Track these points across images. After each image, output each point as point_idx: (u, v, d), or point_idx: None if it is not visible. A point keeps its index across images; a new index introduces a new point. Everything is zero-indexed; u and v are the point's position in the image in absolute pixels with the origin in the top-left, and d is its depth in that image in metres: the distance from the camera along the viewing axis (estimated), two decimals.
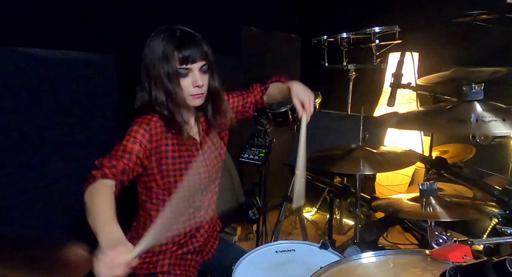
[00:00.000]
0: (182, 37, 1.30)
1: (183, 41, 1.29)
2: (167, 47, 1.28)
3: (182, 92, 1.32)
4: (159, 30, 1.33)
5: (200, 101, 1.37)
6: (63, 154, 1.87)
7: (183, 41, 1.29)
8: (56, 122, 1.84)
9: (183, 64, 1.29)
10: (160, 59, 1.28)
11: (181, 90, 1.31)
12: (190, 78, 1.32)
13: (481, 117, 1.18)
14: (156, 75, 1.30)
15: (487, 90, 1.29)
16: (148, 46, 1.32)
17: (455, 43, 2.71)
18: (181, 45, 1.28)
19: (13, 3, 1.77)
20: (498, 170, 2.19)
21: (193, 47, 1.29)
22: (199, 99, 1.37)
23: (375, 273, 0.98)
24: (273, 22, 3.31)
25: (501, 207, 1.36)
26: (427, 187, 1.36)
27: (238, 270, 1.26)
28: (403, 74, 1.93)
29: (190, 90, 1.33)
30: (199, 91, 1.34)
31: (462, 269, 0.74)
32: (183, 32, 1.32)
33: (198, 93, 1.35)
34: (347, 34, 2.58)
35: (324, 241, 1.36)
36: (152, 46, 1.31)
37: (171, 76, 1.29)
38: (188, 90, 1.33)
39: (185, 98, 1.34)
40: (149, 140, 1.31)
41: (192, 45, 1.29)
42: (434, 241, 1.08)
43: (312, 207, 3.40)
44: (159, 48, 1.29)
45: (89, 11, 2.05)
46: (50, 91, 1.80)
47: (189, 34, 1.33)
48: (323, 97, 2.70)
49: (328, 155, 1.74)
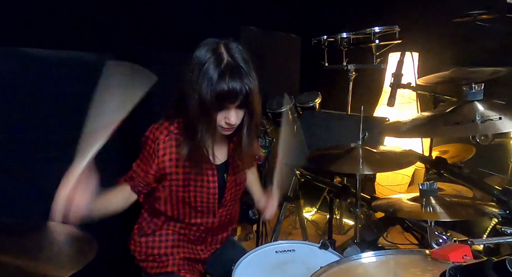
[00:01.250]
0: (226, 71, 1.18)
1: (225, 76, 1.17)
2: (210, 76, 1.18)
3: (212, 121, 1.24)
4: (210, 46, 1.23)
5: (228, 132, 1.31)
6: (63, 153, 1.87)
7: (224, 76, 1.17)
8: (56, 122, 1.84)
9: (219, 101, 1.19)
10: (203, 84, 1.18)
11: (211, 119, 1.23)
12: (224, 113, 1.24)
13: (486, 116, 1.19)
14: (198, 93, 1.20)
15: (487, 90, 1.29)
16: (195, 59, 1.22)
17: (455, 43, 2.72)
18: (222, 80, 1.17)
19: (13, 3, 1.77)
20: (498, 170, 2.19)
21: (233, 86, 1.18)
22: (229, 132, 1.31)
23: (375, 273, 0.98)
24: (273, 22, 3.31)
25: (501, 207, 1.36)
26: (427, 187, 1.36)
27: (238, 270, 1.26)
28: (403, 74, 1.93)
29: (221, 123, 1.26)
30: (229, 126, 1.27)
31: (462, 269, 0.74)
32: (230, 63, 1.20)
33: (229, 128, 1.28)
34: (347, 34, 2.58)
35: (324, 241, 1.36)
36: (200, 61, 1.20)
37: (207, 104, 1.20)
38: (219, 122, 1.26)
39: (215, 126, 1.27)
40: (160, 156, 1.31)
41: (233, 83, 1.18)
42: (434, 241, 1.08)
43: (312, 207, 3.40)
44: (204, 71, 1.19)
45: (89, 11, 2.05)
46: (50, 91, 1.80)
47: (235, 67, 1.20)
48: (323, 97, 2.70)
49: (328, 154, 1.74)
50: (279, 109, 2.65)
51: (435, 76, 2.02)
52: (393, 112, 2.71)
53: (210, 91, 1.18)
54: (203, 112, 1.22)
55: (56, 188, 1.88)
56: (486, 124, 1.18)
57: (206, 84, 1.18)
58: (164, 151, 1.31)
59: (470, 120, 1.21)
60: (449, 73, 1.94)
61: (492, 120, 1.18)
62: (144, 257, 1.49)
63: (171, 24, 2.46)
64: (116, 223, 1.64)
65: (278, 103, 2.69)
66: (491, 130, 1.24)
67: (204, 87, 1.18)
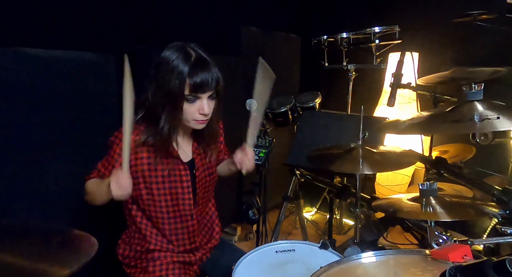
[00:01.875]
0: (197, 64, 1.28)
1: (197, 68, 1.27)
2: (180, 70, 1.26)
3: (184, 115, 1.31)
4: (176, 47, 1.31)
5: (203, 126, 1.37)
6: (63, 153, 1.87)
7: (196, 68, 1.27)
8: (56, 122, 1.84)
9: (193, 92, 1.28)
10: (171, 78, 1.26)
11: (181, 113, 1.31)
12: (197, 105, 1.31)
13: (484, 115, 1.19)
14: (166, 90, 1.28)
15: (487, 90, 1.29)
16: (163, 59, 1.30)
17: (455, 43, 2.71)
18: (194, 72, 1.26)
19: (13, 3, 1.77)
20: (498, 170, 2.19)
21: (206, 76, 1.28)
22: (203, 124, 1.37)
23: (375, 273, 0.98)
24: (273, 22, 3.31)
25: (501, 207, 1.36)
26: (427, 187, 1.36)
27: (238, 270, 1.26)
28: (403, 74, 1.93)
29: (195, 116, 1.32)
30: (204, 117, 1.34)
31: (462, 269, 0.74)
32: (198, 58, 1.29)
33: (203, 119, 1.34)
34: (347, 34, 2.58)
35: (324, 241, 1.36)
36: (167, 60, 1.29)
37: (178, 99, 1.28)
38: (193, 115, 1.32)
39: (187, 121, 1.34)
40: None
41: (205, 74, 1.27)
42: (434, 241, 1.08)
43: (312, 207, 3.40)
44: (172, 66, 1.27)
45: (89, 11, 2.05)
46: (50, 91, 1.80)
47: (204, 60, 1.30)
48: (323, 97, 2.70)
49: (328, 154, 1.74)
50: (279, 110, 2.65)
51: (435, 76, 2.02)
52: (393, 112, 2.71)
53: (180, 85, 1.25)
54: (172, 107, 1.29)
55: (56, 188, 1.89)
56: (484, 123, 1.18)
57: (176, 78, 1.26)
58: (136, 149, 1.34)
59: (468, 119, 1.22)
60: (449, 73, 1.94)
61: (490, 119, 1.18)
62: (131, 263, 1.50)
63: (171, 24, 2.46)
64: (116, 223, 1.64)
65: (278, 103, 2.69)
66: (489, 128, 1.25)
67: (173, 82, 1.26)
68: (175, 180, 1.41)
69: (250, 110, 1.46)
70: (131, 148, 1.24)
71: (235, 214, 2.93)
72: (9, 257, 0.82)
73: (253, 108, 1.43)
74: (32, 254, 0.85)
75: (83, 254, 0.85)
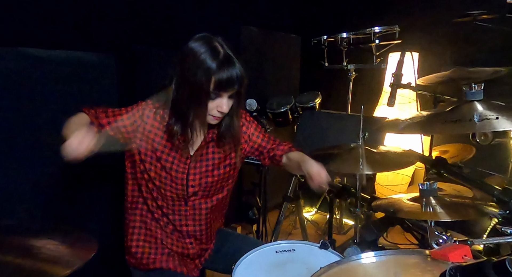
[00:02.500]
0: (224, 61, 1.28)
1: (224, 66, 1.27)
2: (207, 66, 1.26)
3: (205, 111, 1.33)
4: (204, 40, 1.31)
5: (217, 122, 1.39)
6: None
7: (223, 66, 1.27)
8: (56, 122, 1.83)
9: (217, 90, 1.29)
10: (197, 72, 1.27)
11: (206, 109, 1.32)
12: (217, 102, 1.32)
13: (484, 115, 1.19)
14: (191, 83, 1.29)
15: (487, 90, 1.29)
16: (191, 51, 1.30)
17: (455, 43, 2.72)
18: (221, 70, 1.27)
19: (13, 3, 1.77)
20: (498, 170, 2.19)
21: (232, 75, 1.28)
22: (217, 121, 1.39)
23: (375, 273, 0.98)
24: (273, 22, 3.31)
25: (501, 207, 1.36)
26: (427, 187, 1.36)
27: (238, 270, 1.26)
28: (403, 74, 1.93)
29: (213, 112, 1.34)
30: (221, 115, 1.36)
31: (462, 269, 0.74)
32: (226, 55, 1.29)
33: (219, 116, 1.37)
34: (347, 34, 2.58)
35: (324, 241, 1.36)
36: (194, 52, 1.29)
37: (203, 95, 1.29)
38: (211, 111, 1.34)
39: (205, 115, 1.35)
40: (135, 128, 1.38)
41: (231, 72, 1.28)
42: (434, 241, 1.08)
43: (312, 207, 3.40)
44: (200, 60, 1.27)
45: (89, 11, 2.05)
46: (50, 92, 1.80)
47: (231, 58, 1.30)
48: (323, 97, 2.70)
49: (328, 154, 1.74)
50: (279, 110, 2.65)
51: (435, 76, 2.02)
52: (393, 112, 2.71)
53: (206, 81, 1.26)
54: (195, 101, 1.30)
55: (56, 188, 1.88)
56: (484, 123, 1.18)
57: (203, 74, 1.26)
58: (152, 127, 1.39)
59: (467, 119, 1.22)
60: (449, 73, 1.94)
61: (489, 119, 1.18)
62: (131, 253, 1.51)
63: (171, 24, 2.46)
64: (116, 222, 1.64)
65: (278, 103, 2.69)
66: (488, 128, 1.25)
67: (199, 77, 1.26)
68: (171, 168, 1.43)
69: (250, 110, 1.46)
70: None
71: (235, 214, 2.93)
72: (9, 257, 0.82)
73: (253, 108, 1.44)
74: (32, 254, 0.85)
75: (83, 254, 0.85)
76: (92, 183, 1.95)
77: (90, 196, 1.95)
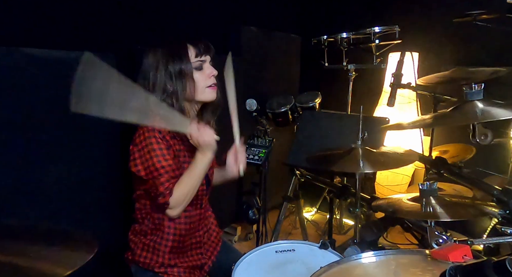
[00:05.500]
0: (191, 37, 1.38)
1: (194, 38, 1.37)
2: (180, 46, 1.33)
3: (198, 86, 1.36)
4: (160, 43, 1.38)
5: (215, 92, 1.41)
6: (63, 153, 1.87)
7: (194, 38, 1.37)
8: (56, 122, 1.84)
9: (199, 56, 1.35)
10: (171, 59, 1.32)
11: (193, 84, 1.35)
12: (205, 70, 1.37)
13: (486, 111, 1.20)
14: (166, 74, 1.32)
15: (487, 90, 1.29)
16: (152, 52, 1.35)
17: (455, 43, 2.72)
18: (194, 40, 1.36)
19: (13, 3, 1.77)
20: (498, 170, 2.19)
21: (204, 41, 1.38)
22: (215, 91, 1.41)
23: (375, 273, 0.98)
24: (273, 22, 3.31)
25: (501, 207, 1.36)
26: (427, 187, 1.36)
27: (237, 270, 1.26)
28: (403, 74, 1.93)
29: (207, 82, 1.38)
30: (214, 81, 1.39)
31: (462, 269, 0.74)
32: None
33: (215, 82, 1.39)
34: (347, 34, 2.57)
35: (324, 241, 1.36)
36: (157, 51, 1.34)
37: (186, 72, 1.33)
38: (205, 82, 1.37)
39: (202, 91, 1.38)
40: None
41: (202, 40, 1.38)
42: (434, 241, 1.08)
43: (312, 207, 3.40)
44: (169, 49, 1.33)
45: (89, 11, 2.05)
46: (50, 92, 1.80)
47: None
48: (323, 97, 2.70)
49: (328, 154, 1.74)
50: (279, 110, 2.65)
51: (435, 76, 2.02)
52: (393, 112, 2.71)
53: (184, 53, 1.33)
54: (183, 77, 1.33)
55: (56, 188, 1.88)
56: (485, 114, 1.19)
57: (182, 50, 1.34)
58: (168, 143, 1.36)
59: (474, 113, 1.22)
60: (449, 73, 1.94)
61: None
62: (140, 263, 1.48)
63: (171, 24, 2.46)
64: (116, 222, 1.65)
65: (278, 103, 2.69)
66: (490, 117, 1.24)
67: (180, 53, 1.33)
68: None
69: (250, 110, 1.46)
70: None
71: (235, 214, 2.93)
72: (10, 257, 0.82)
73: (253, 108, 1.44)
74: (32, 254, 0.85)
75: (83, 254, 0.85)
76: (92, 183, 1.95)
77: (90, 196, 1.95)
